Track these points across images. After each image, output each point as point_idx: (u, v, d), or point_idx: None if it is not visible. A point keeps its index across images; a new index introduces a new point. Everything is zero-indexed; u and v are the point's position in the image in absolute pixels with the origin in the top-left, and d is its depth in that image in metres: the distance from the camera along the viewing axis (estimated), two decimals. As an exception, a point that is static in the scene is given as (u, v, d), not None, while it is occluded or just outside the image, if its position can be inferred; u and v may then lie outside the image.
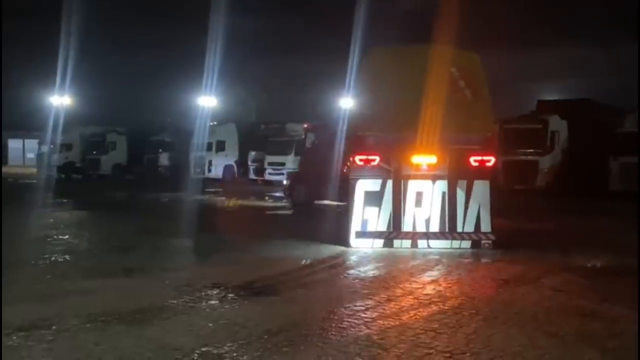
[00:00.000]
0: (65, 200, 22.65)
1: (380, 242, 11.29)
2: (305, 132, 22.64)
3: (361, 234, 11.27)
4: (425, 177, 11.29)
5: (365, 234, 11.27)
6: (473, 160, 11.28)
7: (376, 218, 11.26)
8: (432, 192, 11.28)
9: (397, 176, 11.31)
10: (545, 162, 26.02)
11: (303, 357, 5.34)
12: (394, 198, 11.24)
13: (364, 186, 11.31)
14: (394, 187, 11.25)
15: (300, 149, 21.71)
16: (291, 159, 28.55)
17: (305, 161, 21.56)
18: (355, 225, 11.28)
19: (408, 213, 11.31)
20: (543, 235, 13.14)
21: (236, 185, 31.20)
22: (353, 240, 11.28)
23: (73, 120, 45.04)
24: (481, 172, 11.32)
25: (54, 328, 5.96)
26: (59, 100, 46.27)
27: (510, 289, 8.23)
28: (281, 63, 73.90)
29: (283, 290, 8.01)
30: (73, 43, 40.17)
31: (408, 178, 11.30)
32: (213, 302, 7.21)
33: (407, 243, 11.32)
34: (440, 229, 11.27)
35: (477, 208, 11.24)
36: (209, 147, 35.49)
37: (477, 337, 5.92)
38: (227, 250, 11.47)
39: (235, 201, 22.69)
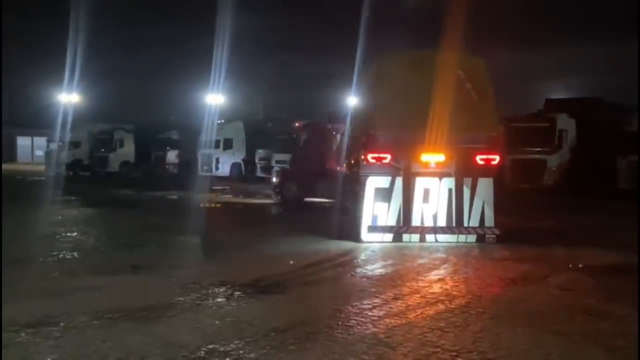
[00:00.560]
0: (73, 197, 22.72)
1: (389, 237, 11.78)
2: (296, 131, 22.85)
3: (372, 229, 11.76)
4: (432, 175, 11.81)
5: (375, 229, 11.75)
6: (479, 158, 11.77)
7: (386, 213, 11.76)
8: (439, 189, 11.80)
9: (406, 173, 11.80)
10: (553, 161, 25.92)
11: (309, 355, 5.34)
12: (404, 194, 11.75)
13: (374, 183, 11.81)
14: (404, 184, 11.75)
15: (293, 147, 22.03)
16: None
17: (295, 159, 21.83)
18: (366, 220, 11.77)
19: (416, 209, 11.82)
20: (550, 233, 13.10)
21: (243, 183, 31.22)
22: (364, 234, 11.76)
23: (81, 118, 45.24)
24: (486, 170, 11.83)
25: (62, 325, 5.99)
26: (68, 98, 46.47)
27: (516, 288, 8.22)
28: (289, 61, 74.04)
29: (289, 288, 8.03)
30: (81, 41, 40.30)
31: (416, 175, 11.80)
32: (220, 300, 7.23)
33: (416, 237, 11.82)
34: (447, 224, 11.79)
35: (482, 204, 11.78)
36: (217, 145, 35.58)
37: (484, 336, 5.91)
38: (234, 247, 11.50)
39: (241, 199, 22.73)
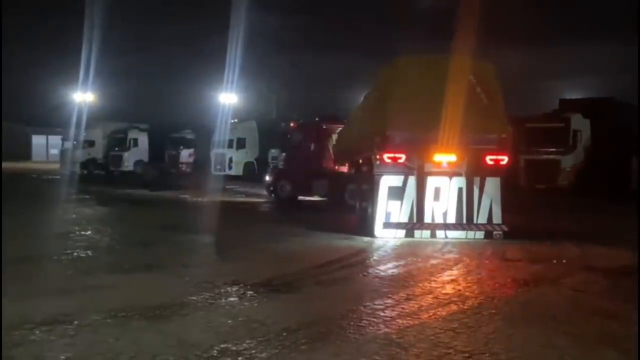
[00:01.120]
0: (87, 196, 22.86)
1: (402, 233, 12.37)
2: (289, 131, 23.14)
3: (385, 225, 12.35)
4: (443, 174, 12.41)
5: (389, 225, 12.35)
6: (489, 159, 12.34)
7: (398, 210, 12.37)
8: (449, 188, 12.42)
9: (419, 173, 12.38)
10: (567, 161, 25.78)
11: (321, 355, 5.35)
12: (416, 192, 12.33)
13: (388, 182, 12.39)
14: (416, 183, 12.34)
15: (287, 147, 22.45)
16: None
17: (289, 158, 22.02)
18: (379, 216, 12.36)
19: (427, 206, 12.42)
20: (563, 234, 13.03)
21: (256, 182, 31.26)
22: (378, 230, 12.35)
23: (96, 116, 45.57)
24: (495, 170, 12.41)
25: (76, 323, 6.04)
26: (82, 97, 46.80)
27: (530, 289, 8.19)
28: (302, 60, 74.06)
29: (302, 287, 8.04)
30: (96, 40, 40.60)
31: (428, 174, 12.39)
32: (232, 299, 7.25)
33: (427, 233, 12.41)
34: (456, 221, 12.41)
35: (490, 202, 12.37)
36: (230, 145, 35.63)
37: (497, 337, 5.90)
38: (247, 246, 11.55)
39: (254, 198, 22.78)
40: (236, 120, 38.64)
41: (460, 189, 12.37)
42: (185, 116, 50.24)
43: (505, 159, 12.38)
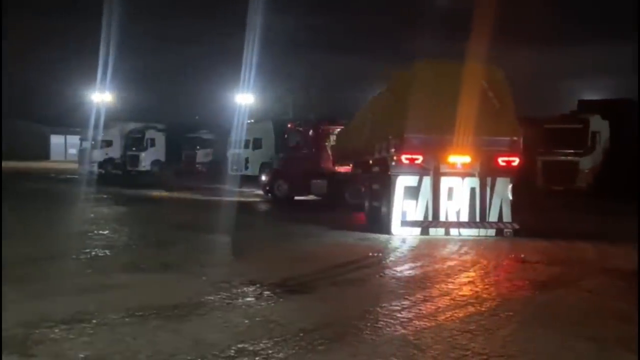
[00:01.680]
0: (105, 195, 23.02)
1: (417, 230, 12.84)
2: (288, 131, 23.51)
3: (401, 223, 12.82)
4: (456, 174, 12.93)
5: (405, 223, 12.82)
6: (501, 160, 12.86)
7: (414, 209, 12.85)
8: (462, 188, 12.94)
9: (435, 173, 12.82)
10: (585, 163, 25.59)
11: (338, 356, 5.35)
12: (432, 192, 12.79)
13: (404, 181, 12.86)
14: (432, 183, 12.79)
15: (284, 147, 23.16)
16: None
17: (286, 158, 22.55)
18: (396, 215, 12.83)
19: (442, 205, 12.89)
20: (581, 236, 12.94)
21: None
22: (395, 228, 12.83)
23: (114, 116, 45.87)
24: (506, 171, 12.97)
25: (94, 322, 6.08)
26: (100, 97, 47.11)
27: (547, 291, 8.15)
28: (319, 60, 74.06)
29: (318, 288, 8.04)
30: (114, 41, 40.86)
31: (443, 175, 12.86)
32: (249, 299, 7.27)
33: (441, 231, 12.89)
34: (469, 219, 12.92)
35: (500, 201, 12.93)
36: (246, 145, 35.68)
37: (514, 340, 5.87)
38: (263, 246, 11.60)
39: (270, 197, 22.84)
40: (253, 120, 38.71)
41: (472, 189, 12.91)
42: (202, 116, 50.50)
43: (516, 160, 12.89)
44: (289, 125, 24.62)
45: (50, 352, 5.23)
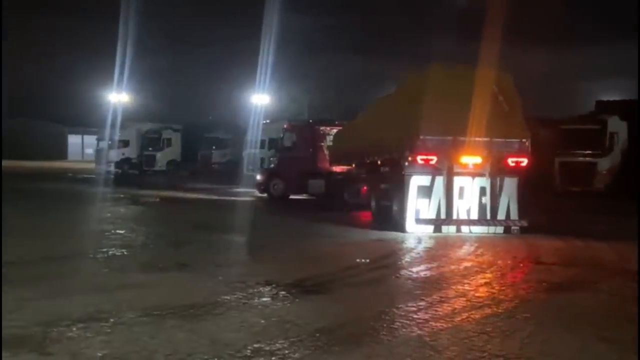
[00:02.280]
0: (121, 195, 23.14)
1: (430, 228, 13.34)
2: (284, 131, 23.83)
3: (415, 221, 13.26)
4: (467, 174, 13.44)
5: (420, 221, 13.27)
6: (510, 161, 13.42)
7: (427, 208, 13.29)
8: (472, 187, 13.43)
9: (448, 173, 13.31)
10: (603, 164, 25.40)
11: (354, 357, 5.34)
12: (445, 191, 13.25)
13: (417, 181, 13.31)
14: (444, 182, 13.26)
15: (280, 147, 23.64)
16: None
17: (281, 158, 22.99)
18: (409, 213, 13.27)
19: (453, 204, 13.34)
20: (599, 237, 12.84)
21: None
22: (409, 226, 13.26)
23: (130, 117, 46.13)
24: (515, 171, 13.49)
25: (111, 321, 6.11)
26: (117, 97, 47.39)
27: (565, 293, 8.09)
28: (334, 60, 74.02)
29: (334, 288, 8.04)
30: (131, 42, 41.10)
31: (454, 175, 13.33)
32: (265, 299, 7.27)
33: (453, 229, 13.40)
34: (479, 217, 13.40)
35: (508, 200, 13.43)
36: (262, 145, 35.76)
37: (531, 342, 5.83)
38: (279, 246, 11.61)
39: (285, 198, 22.90)
40: (268, 121, 38.78)
41: (482, 188, 13.43)
42: (218, 116, 50.63)
43: (525, 161, 13.47)
44: (285, 125, 25.05)
45: (67, 351, 5.26)
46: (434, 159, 13.16)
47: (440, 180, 13.25)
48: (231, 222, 15.02)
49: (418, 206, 13.26)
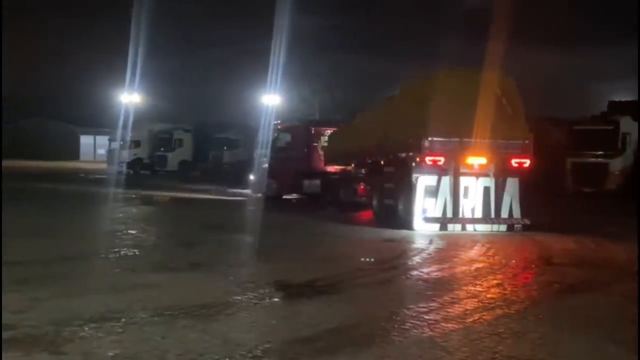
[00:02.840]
0: (133, 195, 23.24)
1: (437, 226, 13.78)
2: (278, 132, 23.98)
3: (425, 220, 13.71)
4: (471, 175, 13.89)
5: (427, 219, 13.73)
6: (514, 161, 13.97)
7: (433, 206, 13.76)
8: (476, 187, 13.88)
9: (455, 173, 13.78)
10: (616, 165, 25.24)
11: (365, 357, 5.34)
12: (452, 191, 13.73)
13: (424, 181, 13.77)
14: (450, 182, 13.73)
15: (273, 147, 23.69)
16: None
17: (275, 158, 23.08)
18: (417, 212, 13.72)
19: (459, 203, 13.81)
20: (612, 239, 12.79)
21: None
22: (417, 224, 13.69)
23: (142, 117, 46.26)
24: (517, 171, 14.00)
25: (123, 320, 6.13)
26: (129, 98, 47.56)
27: (576, 294, 8.06)
28: (345, 61, 74.01)
29: (345, 289, 8.04)
30: (142, 42, 41.24)
31: (459, 175, 13.79)
32: (276, 300, 7.29)
33: (458, 227, 13.89)
34: (483, 216, 13.88)
35: (510, 199, 13.92)
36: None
37: (543, 344, 5.80)
38: (290, 246, 11.64)
39: (295, 198, 22.94)
40: (279, 121, 38.81)
41: (486, 188, 13.89)
42: (230, 117, 50.72)
43: (527, 162, 14.02)
44: (279, 127, 25.25)
45: (79, 350, 5.29)
46: (442, 160, 13.65)
47: (446, 180, 13.73)
48: (241, 222, 15.06)
49: (425, 205, 13.71)
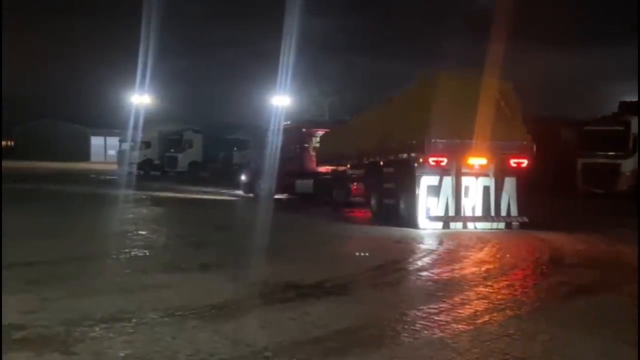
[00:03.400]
0: (143, 196, 23.31)
1: (440, 225, 14.25)
2: (270, 133, 24.25)
3: (430, 218, 14.20)
4: (472, 174, 14.42)
5: (432, 218, 14.22)
6: (512, 161, 14.49)
7: (436, 205, 14.27)
8: (476, 186, 14.44)
9: (457, 173, 14.29)
10: (627, 165, 25.08)
11: (374, 358, 5.34)
12: (454, 190, 14.25)
13: (427, 181, 14.25)
14: (452, 182, 14.25)
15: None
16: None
17: (267, 159, 23.18)
18: (421, 211, 14.21)
19: (461, 202, 14.33)
20: (623, 240, 12.71)
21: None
22: (422, 223, 14.16)
23: (152, 118, 46.42)
24: (515, 171, 14.56)
25: (134, 321, 6.16)
26: (139, 99, 47.74)
27: (587, 295, 8.02)
28: (354, 62, 74.00)
29: (355, 290, 8.04)
30: (153, 44, 41.36)
31: (460, 175, 14.32)
32: (286, 300, 7.28)
33: (460, 225, 14.36)
34: (483, 214, 14.43)
35: (508, 198, 14.51)
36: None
37: (554, 345, 5.78)
38: (300, 247, 11.64)
39: (304, 199, 22.94)
40: (289, 122, 38.83)
41: (485, 187, 14.45)
42: (240, 118, 50.83)
43: (525, 162, 14.52)
44: (271, 128, 25.45)
45: (90, 351, 5.31)
46: (444, 161, 14.08)
47: (447, 180, 14.24)
48: (250, 223, 15.05)
49: (428, 204, 14.20)
